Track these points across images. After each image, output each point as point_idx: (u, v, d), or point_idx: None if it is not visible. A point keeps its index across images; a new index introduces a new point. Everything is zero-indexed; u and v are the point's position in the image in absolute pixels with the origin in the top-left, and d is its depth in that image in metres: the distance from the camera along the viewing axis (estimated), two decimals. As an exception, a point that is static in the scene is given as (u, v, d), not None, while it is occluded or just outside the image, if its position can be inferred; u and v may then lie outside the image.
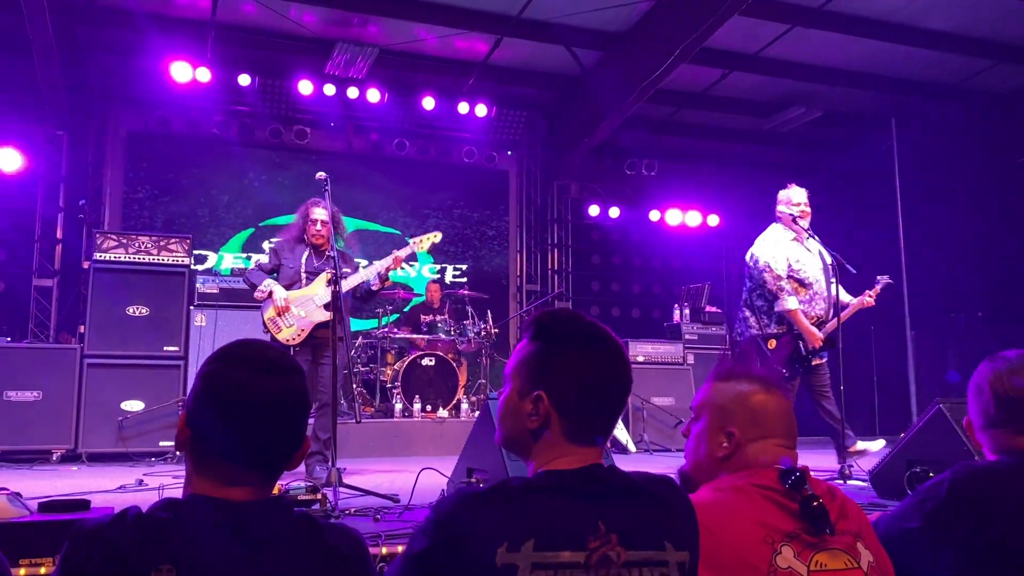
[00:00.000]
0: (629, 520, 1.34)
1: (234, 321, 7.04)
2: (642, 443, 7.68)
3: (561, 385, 1.45)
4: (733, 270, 12.46)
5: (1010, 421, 1.79)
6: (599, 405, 1.46)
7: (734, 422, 1.72)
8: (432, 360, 7.70)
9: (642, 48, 8.19)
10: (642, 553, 1.32)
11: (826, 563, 1.55)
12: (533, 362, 1.48)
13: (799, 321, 5.18)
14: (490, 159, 10.58)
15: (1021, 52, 8.76)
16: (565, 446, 1.45)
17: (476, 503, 1.34)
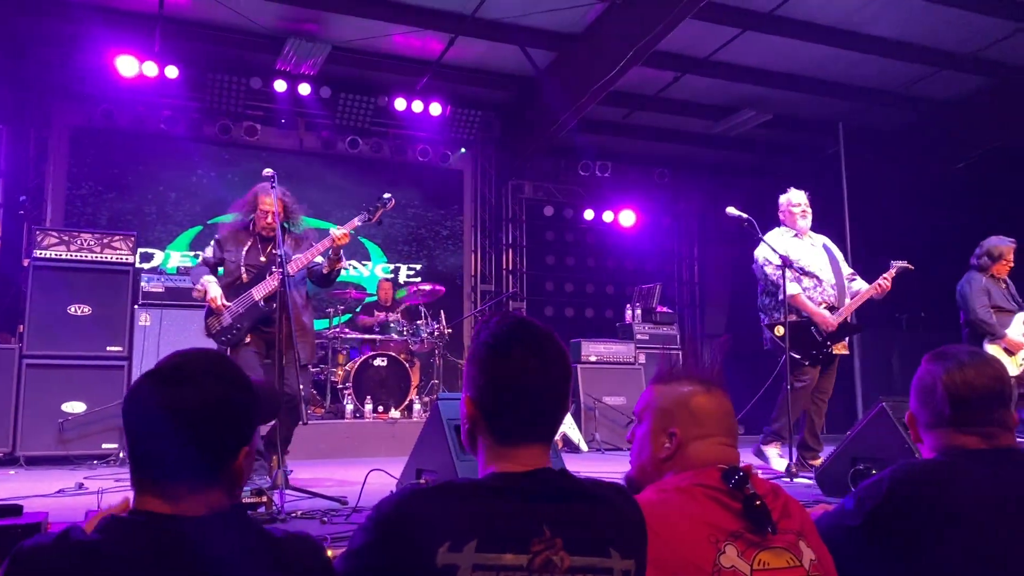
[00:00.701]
0: (576, 525, 1.33)
1: (180, 321, 6.90)
2: (594, 442, 7.72)
3: (481, 389, 1.45)
4: (685, 271, 12.63)
5: (960, 420, 1.80)
6: (520, 408, 1.43)
7: (675, 423, 1.72)
8: (384, 360, 7.63)
9: (595, 50, 8.23)
10: (587, 559, 1.31)
11: (769, 561, 1.55)
12: (465, 366, 1.51)
13: (804, 305, 5.33)
14: (444, 158, 10.54)
15: (960, 60, 9.00)
16: (497, 448, 1.44)
17: (419, 501, 1.32)
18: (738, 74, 9.31)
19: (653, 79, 9.43)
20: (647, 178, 11.79)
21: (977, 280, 6.21)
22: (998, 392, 1.79)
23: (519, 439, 1.43)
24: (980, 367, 1.81)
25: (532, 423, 1.44)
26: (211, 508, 1.28)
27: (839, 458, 4.01)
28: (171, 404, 1.27)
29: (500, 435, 1.44)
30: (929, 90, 9.74)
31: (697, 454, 1.69)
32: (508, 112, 10.49)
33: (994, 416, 1.78)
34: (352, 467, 5.61)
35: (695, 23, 7.74)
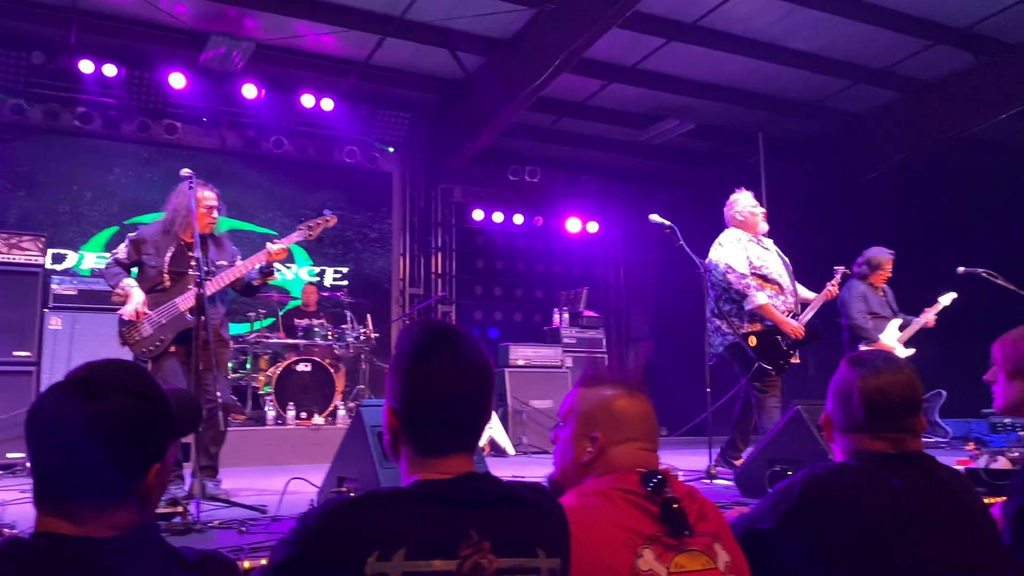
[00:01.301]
0: (502, 528, 1.34)
1: (94, 325, 6.63)
2: (521, 446, 7.74)
3: (401, 399, 1.44)
4: (611, 275, 12.79)
5: (873, 426, 1.84)
6: (440, 418, 1.43)
7: (598, 427, 1.74)
8: (308, 366, 7.51)
9: (524, 55, 8.28)
10: (514, 560, 1.33)
11: (685, 564, 1.58)
12: (386, 376, 1.50)
13: (773, 315, 5.18)
14: (372, 160, 10.44)
15: (873, 74, 9.36)
16: (420, 459, 1.44)
17: (345, 512, 1.31)
18: (663, 83, 9.48)
19: (581, 86, 9.54)
20: (575, 184, 11.91)
21: (856, 287, 6.53)
22: (910, 399, 1.84)
23: (441, 449, 1.43)
24: (894, 374, 1.85)
25: (453, 433, 1.44)
26: (120, 528, 1.23)
27: (757, 460, 4.11)
28: (78, 418, 1.21)
29: (422, 446, 1.44)
30: (845, 102, 10.10)
31: (618, 458, 1.71)
32: (438, 115, 10.45)
33: (905, 423, 1.83)
34: (273, 475, 5.48)
35: (622, 32, 7.86)
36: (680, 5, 7.95)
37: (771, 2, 7.83)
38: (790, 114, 10.27)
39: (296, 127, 9.90)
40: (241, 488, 4.99)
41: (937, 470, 1.82)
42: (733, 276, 5.27)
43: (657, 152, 11.54)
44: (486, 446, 7.33)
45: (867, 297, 6.52)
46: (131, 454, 1.25)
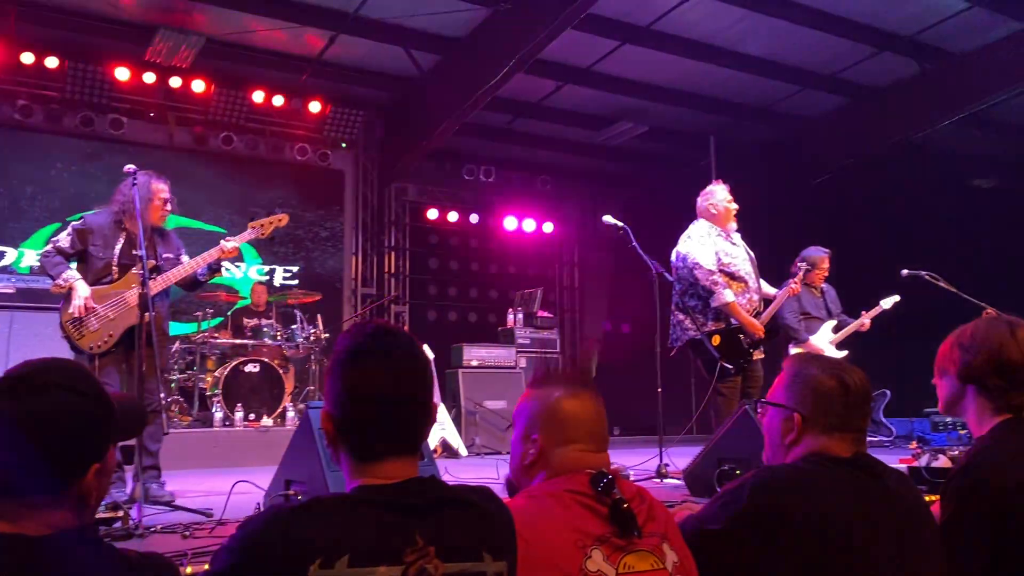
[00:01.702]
0: (447, 532, 1.33)
1: (33, 324, 6.44)
2: (474, 447, 7.71)
3: (336, 403, 1.42)
4: (566, 276, 12.83)
5: (820, 425, 1.85)
6: (375, 423, 1.40)
7: (538, 428, 1.74)
8: (256, 366, 7.38)
9: (479, 55, 8.26)
10: (460, 565, 1.32)
11: (634, 565, 1.58)
12: (324, 379, 1.47)
13: (738, 314, 5.13)
14: (324, 157, 10.31)
15: (822, 80, 9.55)
16: (359, 464, 1.41)
17: (287, 519, 1.28)
18: (617, 85, 9.55)
19: (536, 87, 9.56)
20: (530, 184, 11.93)
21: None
22: (867, 395, 1.87)
23: (379, 454, 1.40)
24: (853, 373, 1.88)
25: (389, 437, 1.41)
26: (56, 528, 1.21)
27: (706, 459, 4.14)
28: (14, 416, 1.20)
29: (359, 450, 1.41)
30: (795, 107, 10.29)
31: (560, 460, 1.71)
32: (391, 113, 10.38)
33: (852, 420, 1.85)
34: (220, 478, 5.37)
35: (576, 34, 7.89)
36: (634, 8, 8.01)
37: (724, 7, 7.93)
38: (741, 118, 10.42)
39: (246, 124, 9.75)
40: (187, 491, 4.88)
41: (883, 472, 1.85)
42: (700, 272, 5.21)
43: (611, 154, 11.63)
44: (438, 447, 7.29)
45: (801, 298, 6.46)
46: (68, 452, 1.25)
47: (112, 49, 8.49)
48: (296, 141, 10.08)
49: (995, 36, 8.60)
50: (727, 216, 5.44)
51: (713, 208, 5.46)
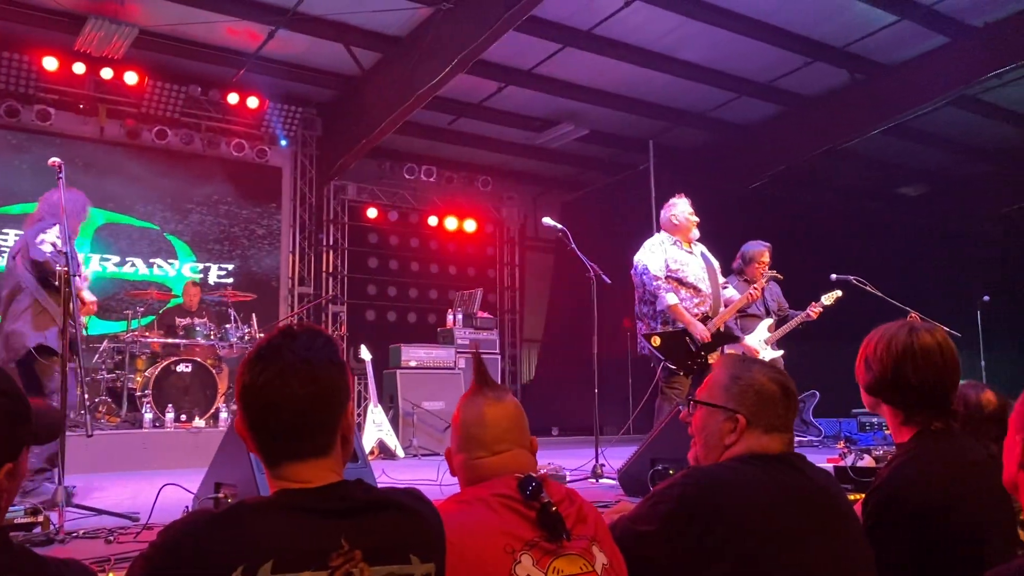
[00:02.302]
0: (374, 535, 1.31)
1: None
2: (411, 448, 7.67)
3: (241, 406, 1.39)
4: (506, 276, 12.86)
5: (762, 423, 1.87)
6: (275, 427, 1.36)
7: (456, 437, 1.76)
8: (188, 366, 7.21)
9: (421, 54, 8.22)
10: (387, 568, 1.30)
11: (563, 569, 1.58)
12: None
13: (681, 316, 5.26)
14: (261, 154, 10.13)
15: (758, 88, 9.76)
16: (267, 467, 1.39)
17: (207, 525, 1.26)
18: (558, 88, 9.61)
19: (478, 87, 9.56)
20: (471, 184, 11.92)
21: (729, 283, 6.33)
22: (792, 392, 1.90)
23: (280, 458, 1.37)
24: (778, 370, 1.92)
25: (287, 441, 1.37)
26: None
27: (640, 459, 4.19)
28: None
29: (263, 454, 1.39)
30: (731, 114, 10.50)
31: (486, 467, 1.71)
32: (331, 110, 10.25)
33: (776, 417, 1.87)
34: (149, 481, 5.23)
35: (519, 36, 7.92)
36: (576, 12, 8.07)
37: (663, 14, 8.05)
38: (680, 123, 10.59)
39: (181, 118, 9.52)
40: (113, 495, 4.75)
41: (809, 470, 1.88)
42: (647, 278, 5.39)
43: (553, 156, 11.70)
44: (375, 449, 7.23)
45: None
46: None
47: (40, 38, 8.21)
48: (233, 137, 9.89)
49: (922, 49, 8.91)
50: (687, 228, 5.57)
51: (674, 219, 5.60)
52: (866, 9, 8.11)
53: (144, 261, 9.48)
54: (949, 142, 11.28)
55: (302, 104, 10.04)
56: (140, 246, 9.46)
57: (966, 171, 12.26)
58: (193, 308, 8.26)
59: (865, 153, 11.26)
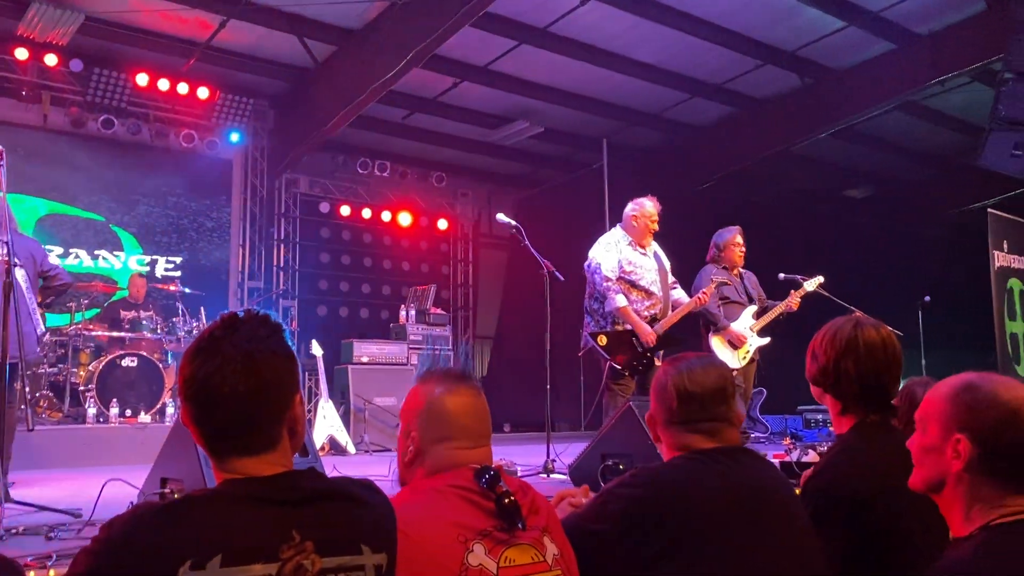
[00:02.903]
0: (325, 526, 1.31)
1: None
2: (362, 444, 7.62)
3: (182, 398, 1.38)
4: (460, 273, 12.84)
5: (686, 417, 1.93)
6: (216, 419, 1.34)
7: (416, 426, 1.74)
8: (134, 360, 7.07)
9: (375, 48, 8.15)
10: (338, 559, 1.30)
11: (514, 558, 1.59)
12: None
13: (629, 317, 5.29)
14: (211, 145, 9.95)
15: (710, 89, 9.89)
16: (212, 459, 1.37)
17: (153, 519, 1.23)
18: (514, 85, 9.62)
19: (433, 83, 9.51)
20: (425, 180, 11.86)
21: (708, 271, 6.32)
22: (720, 389, 1.94)
23: (229, 452, 1.35)
24: (706, 368, 1.97)
25: (236, 436, 1.35)
26: None
27: (590, 454, 4.22)
28: None
29: (211, 448, 1.37)
30: (684, 115, 10.62)
31: (436, 457, 1.71)
32: (284, 102, 10.11)
33: (717, 411, 1.93)
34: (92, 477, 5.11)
35: (474, 31, 7.90)
36: (532, 9, 8.08)
37: (618, 13, 8.11)
38: (634, 123, 10.68)
39: (128, 107, 9.29)
40: (55, 491, 4.63)
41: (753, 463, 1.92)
42: (599, 277, 5.41)
43: (507, 153, 11.71)
44: (326, 444, 7.17)
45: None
46: None
47: (-20, 22, 7.96)
48: (182, 127, 9.69)
49: (869, 55, 9.12)
50: (645, 231, 5.57)
51: (635, 220, 5.59)
52: (816, 15, 8.27)
53: (89, 253, 9.25)
54: (895, 146, 11.57)
55: (254, 95, 9.89)
56: (85, 237, 9.22)
57: (911, 175, 12.59)
58: (139, 301, 8.10)
59: (814, 155, 11.50)
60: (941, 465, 1.55)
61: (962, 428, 1.51)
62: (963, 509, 1.53)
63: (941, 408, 1.56)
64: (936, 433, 1.56)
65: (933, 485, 1.58)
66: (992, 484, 1.50)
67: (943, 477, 1.55)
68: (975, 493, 1.51)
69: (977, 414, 1.50)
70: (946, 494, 1.56)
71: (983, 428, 1.49)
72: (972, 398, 1.52)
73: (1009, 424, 1.48)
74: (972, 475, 1.51)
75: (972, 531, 1.51)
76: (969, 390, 1.53)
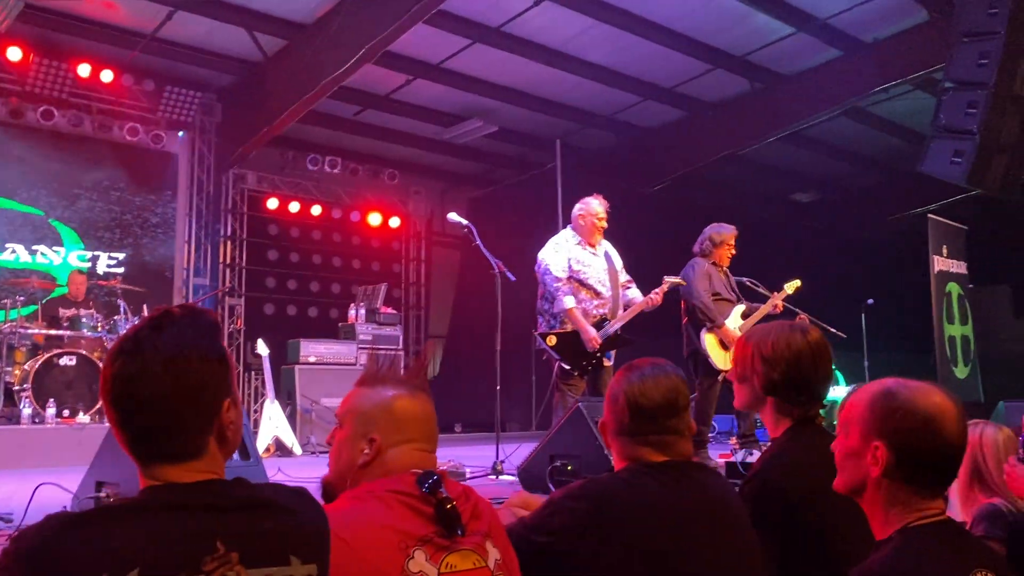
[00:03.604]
0: (252, 536, 1.25)
1: None
2: (308, 445, 7.52)
3: (103, 400, 1.31)
4: (412, 272, 12.75)
5: (637, 430, 1.91)
6: (135, 422, 1.28)
7: (376, 428, 1.69)
8: (73, 359, 6.87)
9: (326, 43, 8.04)
10: (265, 570, 1.24)
11: (456, 564, 1.57)
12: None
13: (575, 319, 5.30)
14: (157, 139, 9.72)
15: (661, 92, 9.99)
16: (139, 465, 1.31)
17: (63, 530, 1.16)
18: (467, 84, 9.59)
19: (385, 79, 9.43)
20: (377, 177, 11.75)
21: (700, 265, 6.03)
22: (670, 402, 1.92)
23: (152, 458, 1.29)
24: (658, 379, 1.94)
25: (158, 442, 1.28)
26: None
27: (539, 455, 4.23)
28: None
29: (134, 454, 1.31)
30: (636, 117, 10.70)
31: (395, 459, 1.68)
32: (232, 97, 9.92)
33: (667, 424, 1.91)
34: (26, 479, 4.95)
35: (428, 29, 7.86)
36: (486, 8, 8.06)
37: (572, 15, 8.13)
38: (587, 124, 10.73)
39: (70, 98, 9.03)
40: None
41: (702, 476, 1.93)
42: (548, 277, 5.42)
43: (461, 152, 11.67)
44: (271, 446, 7.06)
45: (712, 277, 6.02)
46: None
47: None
48: (126, 120, 9.45)
49: (817, 61, 9.30)
50: (592, 229, 5.58)
51: (581, 219, 5.61)
52: (766, 20, 8.40)
53: (26, 248, 8.96)
54: (841, 152, 11.82)
55: (201, 89, 9.68)
56: (22, 232, 8.94)
57: (856, 180, 12.88)
58: (79, 298, 7.87)
59: (763, 159, 11.68)
60: (861, 469, 1.58)
61: (880, 435, 1.54)
62: (882, 512, 1.57)
63: (861, 414, 1.59)
64: (857, 438, 1.59)
65: (855, 488, 1.62)
66: (908, 489, 1.53)
67: (863, 481, 1.59)
68: (892, 497, 1.55)
69: (893, 422, 1.53)
70: (867, 497, 1.60)
71: (898, 435, 1.52)
72: (889, 405, 1.55)
73: (922, 432, 1.50)
74: (889, 480, 1.54)
75: (891, 533, 1.54)
76: (887, 397, 1.56)
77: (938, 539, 1.50)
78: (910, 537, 1.50)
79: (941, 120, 6.66)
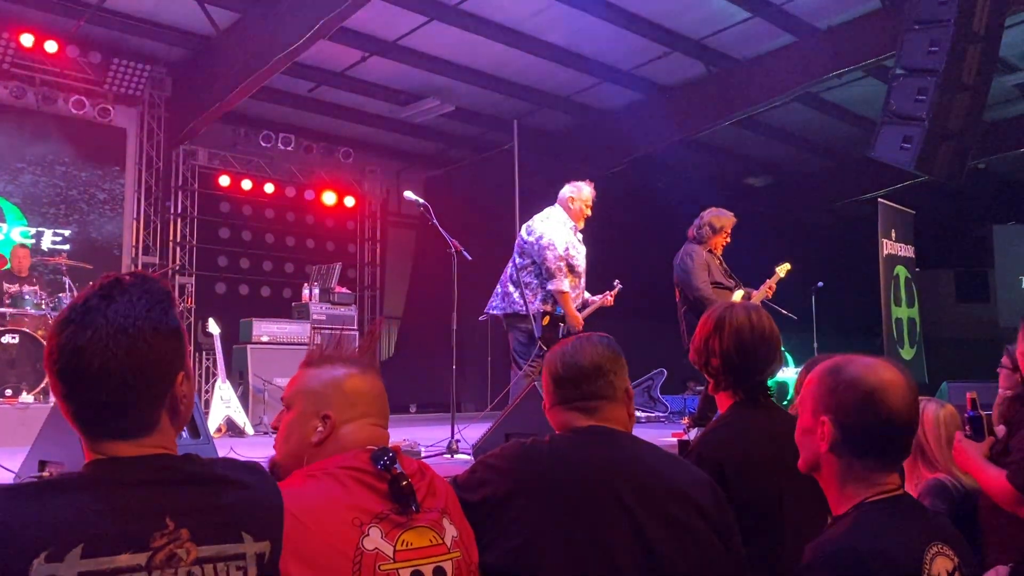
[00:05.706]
0: (203, 512, 1.22)
1: None
2: (261, 425, 7.43)
3: (47, 371, 1.27)
4: (367, 252, 12.64)
5: (565, 399, 1.94)
6: (67, 395, 1.24)
7: (330, 406, 1.68)
8: (15, 337, 6.69)
9: (281, 17, 7.88)
10: (216, 547, 1.21)
11: (412, 541, 1.56)
12: None
13: (567, 304, 5.27)
14: (104, 113, 9.45)
15: (619, 74, 10.00)
16: (85, 440, 1.27)
17: (2, 503, 1.13)
18: (424, 62, 9.49)
19: (340, 55, 9.29)
20: (331, 155, 11.59)
21: (698, 254, 5.87)
22: (596, 366, 1.93)
23: (100, 435, 1.26)
24: (584, 346, 1.96)
25: (106, 418, 1.24)
26: None
27: (495, 433, 4.23)
28: None
29: (81, 429, 1.27)
30: (594, 99, 10.70)
31: (349, 436, 1.67)
32: (183, 71, 9.68)
33: (592, 389, 1.91)
34: (-34, 460, 4.82)
35: (384, 5, 7.77)
36: (444, -15, 7.98)
37: (529, -7, 8.09)
38: (544, 105, 10.71)
39: (12, 69, 8.73)
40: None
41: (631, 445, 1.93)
42: (552, 254, 5.33)
43: (417, 130, 11.56)
44: (223, 426, 6.96)
45: (709, 265, 5.87)
46: None
47: None
48: (72, 92, 9.16)
49: (771, 46, 9.39)
50: (580, 215, 5.59)
51: (571, 203, 5.60)
52: (722, 5, 8.45)
53: (-34, 223, 8.69)
54: (794, 137, 11.98)
55: (151, 62, 9.43)
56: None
57: (808, 165, 13.08)
58: (22, 274, 7.64)
59: (718, 143, 11.79)
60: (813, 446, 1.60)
61: (826, 410, 1.56)
62: (838, 488, 1.59)
63: (811, 391, 1.62)
64: (808, 415, 1.62)
65: (812, 466, 1.64)
66: (861, 463, 1.55)
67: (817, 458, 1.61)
68: (846, 472, 1.57)
69: (837, 396, 1.55)
70: (823, 474, 1.62)
71: (841, 410, 1.54)
72: (834, 380, 1.57)
73: (864, 405, 1.52)
74: (839, 455, 1.56)
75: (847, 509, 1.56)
76: (832, 373, 1.59)
77: (893, 514, 1.52)
78: (866, 512, 1.52)
79: (892, 106, 6.79)
